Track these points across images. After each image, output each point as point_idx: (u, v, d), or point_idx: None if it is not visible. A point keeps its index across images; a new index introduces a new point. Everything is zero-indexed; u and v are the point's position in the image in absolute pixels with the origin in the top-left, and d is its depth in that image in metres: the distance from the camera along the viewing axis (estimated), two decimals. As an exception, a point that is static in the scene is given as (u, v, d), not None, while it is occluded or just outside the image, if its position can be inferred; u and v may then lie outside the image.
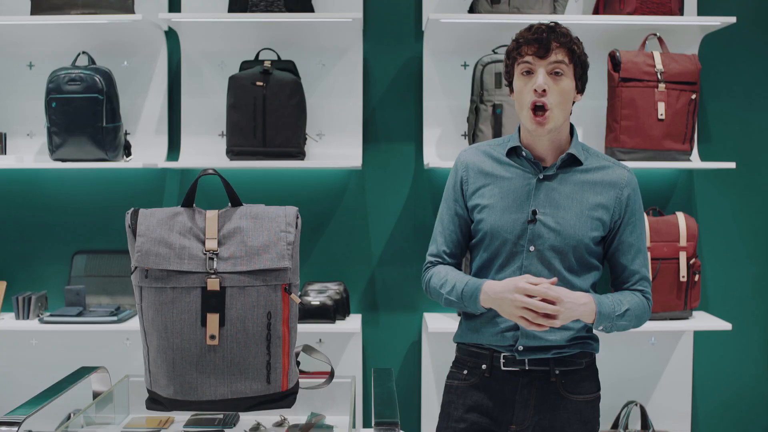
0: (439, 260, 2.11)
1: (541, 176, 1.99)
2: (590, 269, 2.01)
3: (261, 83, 2.98)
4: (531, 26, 1.97)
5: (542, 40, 1.91)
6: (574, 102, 2.01)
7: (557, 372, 2.00)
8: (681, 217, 3.08)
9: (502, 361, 2.00)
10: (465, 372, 2.07)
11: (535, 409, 2.00)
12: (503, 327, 2.00)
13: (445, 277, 2.04)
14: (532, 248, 1.96)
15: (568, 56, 1.93)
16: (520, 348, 1.99)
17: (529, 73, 1.94)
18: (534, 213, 1.97)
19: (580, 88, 2.00)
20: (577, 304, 1.87)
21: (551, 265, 1.97)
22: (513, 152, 2.04)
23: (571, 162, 2.01)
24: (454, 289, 2.00)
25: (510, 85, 2.02)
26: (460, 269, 2.09)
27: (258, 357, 1.77)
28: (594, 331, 2.09)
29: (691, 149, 3.06)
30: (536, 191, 1.98)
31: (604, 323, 1.94)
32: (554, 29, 1.93)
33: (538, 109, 1.93)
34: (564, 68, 1.93)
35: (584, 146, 2.06)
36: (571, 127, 2.05)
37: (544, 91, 1.91)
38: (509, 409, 2.01)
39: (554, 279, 1.89)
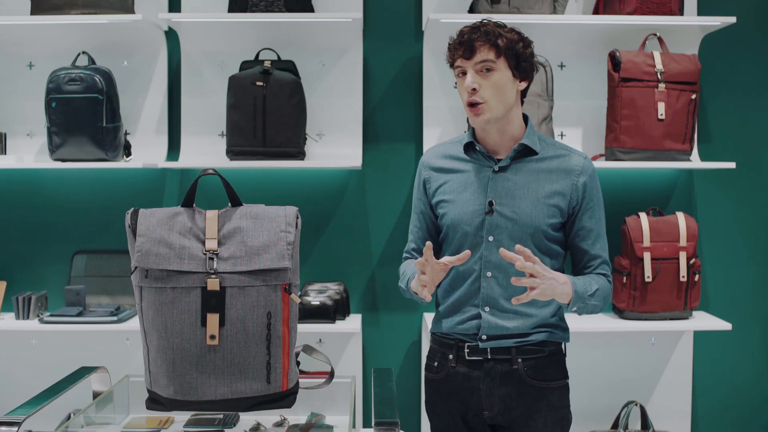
0: (409, 256, 2.26)
1: (495, 168, 2.08)
2: (552, 255, 2.08)
3: (261, 83, 2.99)
4: (460, 30, 2.06)
5: (465, 43, 2.02)
6: (525, 92, 2.10)
7: (519, 360, 2.06)
8: (681, 217, 3.08)
9: (466, 350, 2.09)
10: (435, 364, 2.17)
11: (500, 396, 2.07)
12: (466, 316, 2.09)
13: (404, 269, 2.19)
14: (491, 238, 2.05)
15: (494, 51, 2.01)
16: (484, 337, 2.07)
17: (464, 74, 2.05)
18: (490, 204, 2.05)
19: (521, 75, 2.06)
20: (558, 283, 1.93)
21: None
22: (469, 148, 2.13)
23: (526, 152, 2.09)
24: (404, 278, 2.17)
25: None
26: None
27: (258, 357, 1.77)
28: (566, 318, 2.17)
29: (691, 149, 3.05)
30: (492, 183, 2.07)
31: (578, 303, 2.00)
32: (478, 29, 2.03)
33: (473, 104, 2.03)
34: (492, 64, 2.01)
35: (540, 136, 2.14)
36: (526, 118, 2.13)
37: (474, 90, 2.01)
38: (478, 397, 2.09)
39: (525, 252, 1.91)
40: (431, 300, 2.07)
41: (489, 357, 2.07)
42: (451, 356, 2.12)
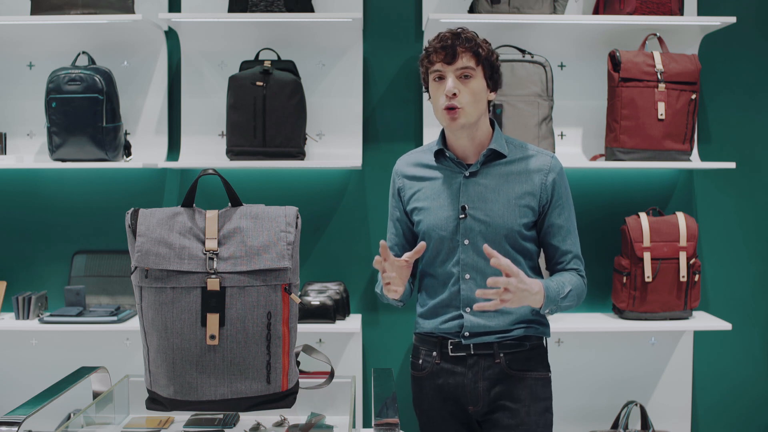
0: None
1: (467, 173, 2.12)
2: (527, 254, 2.12)
3: (261, 83, 2.99)
4: (438, 34, 2.08)
5: (448, 47, 2.04)
6: (491, 101, 2.13)
7: (501, 354, 2.11)
8: (681, 217, 3.08)
9: (449, 347, 2.13)
10: (420, 361, 2.20)
11: (484, 390, 2.11)
12: (448, 317, 2.13)
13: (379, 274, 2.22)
14: (466, 242, 2.09)
15: (475, 60, 2.05)
16: (466, 334, 2.11)
17: (441, 78, 2.07)
18: (464, 208, 2.10)
19: (492, 86, 2.11)
20: (531, 293, 1.96)
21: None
22: (439, 155, 2.17)
23: (495, 157, 2.13)
24: (379, 284, 2.17)
25: (428, 90, 2.14)
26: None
27: (258, 357, 1.77)
28: (559, 315, 2.24)
29: (691, 149, 3.06)
30: (464, 188, 2.11)
31: (550, 306, 2.04)
32: (459, 35, 2.05)
33: (450, 108, 2.05)
34: (471, 71, 2.05)
35: (509, 139, 2.18)
36: (493, 123, 2.17)
37: (454, 94, 2.04)
38: (463, 392, 2.13)
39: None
40: (402, 298, 2.12)
41: (472, 353, 2.11)
42: (434, 353, 2.15)
